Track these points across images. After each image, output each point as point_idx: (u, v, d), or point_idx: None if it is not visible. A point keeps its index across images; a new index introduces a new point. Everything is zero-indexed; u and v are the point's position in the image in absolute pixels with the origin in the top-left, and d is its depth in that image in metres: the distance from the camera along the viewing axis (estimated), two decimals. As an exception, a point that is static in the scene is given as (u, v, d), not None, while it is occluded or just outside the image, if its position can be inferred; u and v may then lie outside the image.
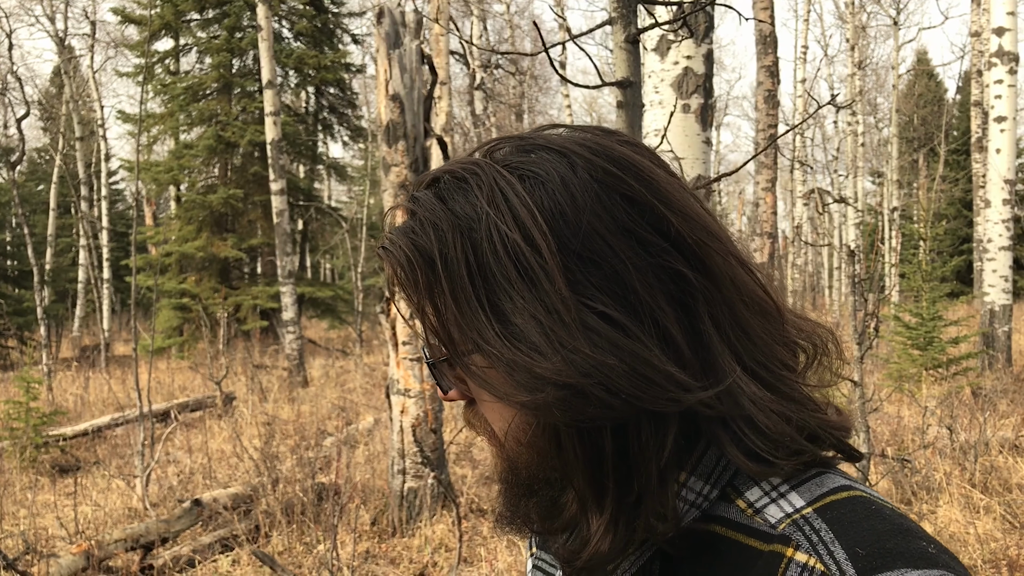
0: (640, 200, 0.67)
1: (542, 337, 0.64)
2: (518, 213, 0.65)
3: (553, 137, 0.71)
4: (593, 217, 0.65)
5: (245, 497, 6.23)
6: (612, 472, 0.67)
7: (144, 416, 7.21)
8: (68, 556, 5.02)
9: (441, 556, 5.31)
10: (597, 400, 0.63)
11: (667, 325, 0.65)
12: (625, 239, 0.65)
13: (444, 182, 0.71)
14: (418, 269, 0.68)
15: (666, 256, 0.66)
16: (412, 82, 5.87)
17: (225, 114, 18.88)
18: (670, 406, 0.64)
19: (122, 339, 23.41)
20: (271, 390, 11.79)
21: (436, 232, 0.68)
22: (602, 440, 0.66)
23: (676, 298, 0.66)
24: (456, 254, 0.66)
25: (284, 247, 12.94)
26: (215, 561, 5.41)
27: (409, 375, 5.89)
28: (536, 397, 0.64)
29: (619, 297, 0.64)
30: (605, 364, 0.63)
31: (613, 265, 0.65)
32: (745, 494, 0.68)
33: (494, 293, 0.66)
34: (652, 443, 0.66)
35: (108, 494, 7.00)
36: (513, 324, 0.65)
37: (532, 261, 0.64)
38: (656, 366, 0.63)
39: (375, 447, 7.51)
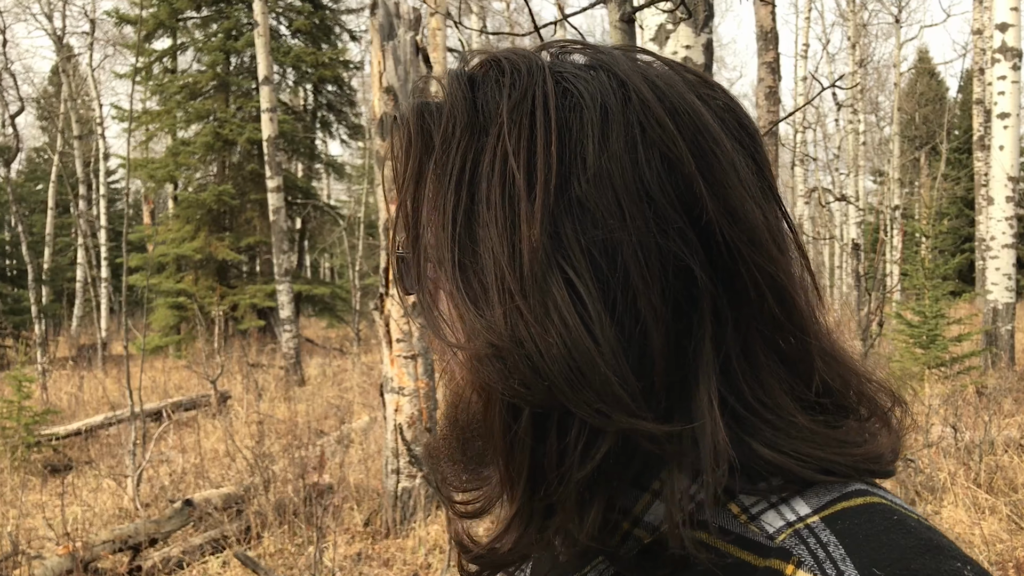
0: (681, 169, 0.55)
1: (496, 282, 0.53)
2: (535, 133, 0.55)
3: (624, 62, 0.58)
4: (614, 166, 0.54)
5: (237, 497, 6.13)
6: (524, 464, 0.55)
7: (136, 415, 7.12)
8: (54, 557, 4.92)
9: (435, 557, 5.21)
10: (519, 375, 0.52)
11: (648, 326, 0.53)
12: (641, 206, 0.54)
13: (488, 66, 0.60)
14: (414, 152, 0.60)
15: (682, 244, 0.54)
16: (406, 74, 5.77)
17: (222, 112, 18.80)
18: (595, 419, 0.52)
19: (120, 338, 23.28)
20: (267, 389, 11.69)
21: (447, 121, 0.58)
22: (520, 422, 0.55)
23: (674, 300, 0.54)
24: (454, 155, 0.57)
25: (281, 245, 12.85)
26: (205, 562, 5.32)
27: (403, 373, 5.79)
28: (470, 344, 0.54)
29: (599, 270, 0.53)
30: (542, 339, 0.52)
31: (612, 231, 0.53)
32: (739, 496, 0.56)
33: (472, 212, 0.55)
34: (573, 450, 0.54)
35: (98, 494, 6.91)
36: (477, 255, 0.55)
37: (521, 192, 0.54)
38: (597, 366, 0.52)
39: (370, 447, 7.41)
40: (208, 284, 18.04)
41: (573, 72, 0.58)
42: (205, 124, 18.94)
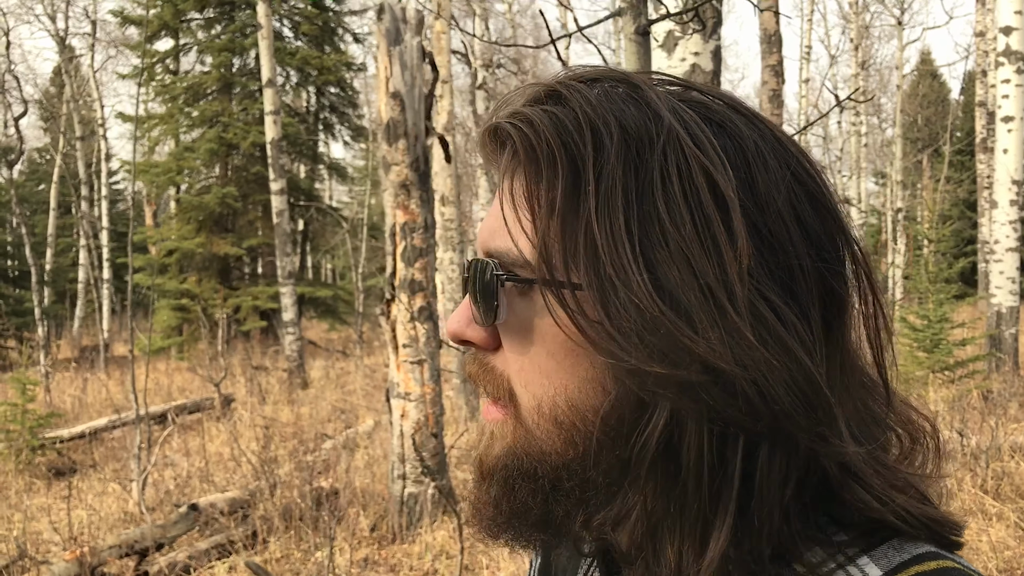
0: (824, 203, 0.57)
1: (700, 306, 0.51)
2: (706, 156, 0.54)
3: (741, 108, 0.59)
4: (780, 195, 0.54)
5: (243, 502, 6.13)
6: (734, 494, 0.53)
7: (140, 419, 7.11)
8: (61, 562, 4.92)
9: (442, 563, 5.20)
10: (745, 400, 0.51)
11: (822, 346, 0.54)
12: (803, 235, 0.55)
13: (610, 84, 0.58)
14: (556, 170, 0.55)
15: (833, 268, 0.56)
16: (413, 79, 5.77)
17: (227, 115, 18.80)
18: (815, 443, 0.52)
19: (122, 339, 23.31)
20: (271, 392, 11.69)
21: (595, 135, 0.55)
22: (728, 451, 0.53)
23: (825, 322, 0.55)
24: (615, 173, 0.54)
25: (284, 247, 12.85)
26: (212, 568, 5.31)
27: (410, 378, 5.79)
28: (676, 372, 0.51)
29: (790, 292, 0.53)
30: (768, 362, 0.51)
31: (789, 257, 0.54)
32: (806, 555, 0.55)
33: (647, 233, 0.53)
34: (778, 478, 0.53)
35: (104, 498, 6.91)
36: (661, 276, 0.52)
37: (713, 211, 0.52)
38: (820, 389, 0.52)
39: (375, 451, 7.41)
40: (211, 285, 18.05)
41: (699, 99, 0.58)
42: (209, 128, 18.94)
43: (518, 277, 0.58)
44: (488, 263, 0.59)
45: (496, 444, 0.61)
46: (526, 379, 0.58)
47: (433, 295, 5.90)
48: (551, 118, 0.57)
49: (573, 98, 0.57)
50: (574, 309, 0.54)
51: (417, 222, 5.75)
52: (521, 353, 0.59)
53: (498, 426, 0.61)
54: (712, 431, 0.52)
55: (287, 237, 12.95)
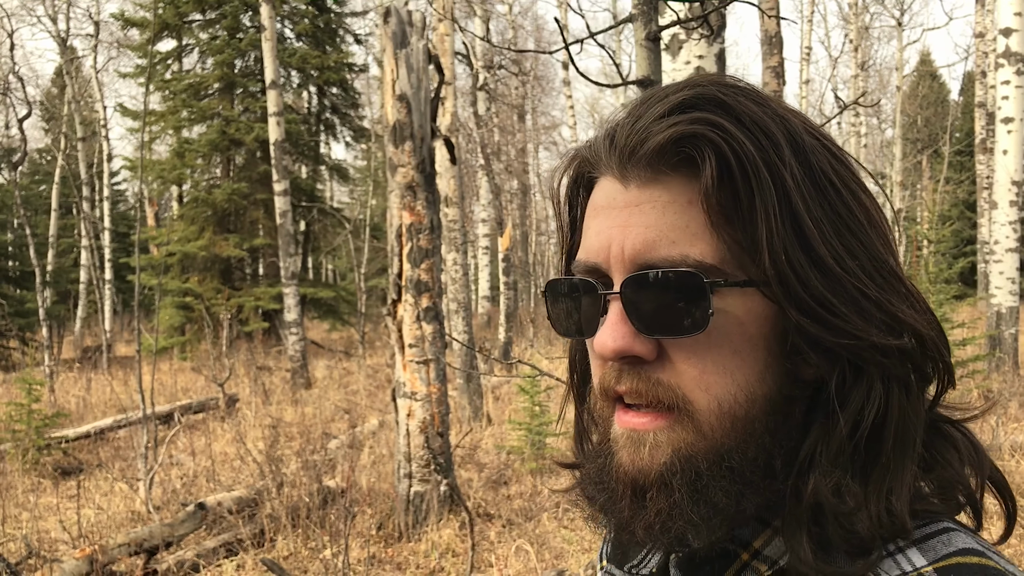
0: (842, 179, 0.63)
1: (890, 285, 0.60)
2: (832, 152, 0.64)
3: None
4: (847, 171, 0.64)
5: (249, 500, 6.17)
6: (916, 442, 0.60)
7: (147, 418, 7.16)
8: (71, 561, 4.96)
9: (448, 561, 5.25)
10: (931, 360, 0.60)
11: None
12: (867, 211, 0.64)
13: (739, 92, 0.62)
14: (748, 173, 0.58)
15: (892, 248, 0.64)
16: (419, 82, 5.82)
17: (228, 112, 18.84)
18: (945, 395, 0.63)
19: (124, 340, 23.36)
20: (274, 392, 11.73)
21: (768, 137, 0.59)
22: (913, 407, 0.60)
23: None
24: (794, 167, 0.59)
25: (287, 248, 12.89)
26: (220, 566, 5.36)
27: (416, 378, 5.83)
28: (897, 341, 0.58)
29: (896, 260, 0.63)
30: (931, 322, 0.60)
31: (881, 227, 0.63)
32: None
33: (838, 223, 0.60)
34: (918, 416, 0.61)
35: (111, 497, 6.95)
36: (862, 260, 0.60)
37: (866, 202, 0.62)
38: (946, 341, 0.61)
39: (380, 450, 7.45)
40: (214, 285, 18.08)
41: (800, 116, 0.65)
42: (210, 124, 18.98)
43: (730, 280, 0.59)
44: (679, 273, 0.59)
45: (659, 453, 0.61)
46: (707, 382, 0.60)
47: (439, 295, 5.94)
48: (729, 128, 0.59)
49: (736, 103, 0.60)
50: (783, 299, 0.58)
51: (423, 223, 5.80)
52: (701, 357, 0.60)
53: (663, 435, 0.61)
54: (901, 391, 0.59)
55: (290, 238, 13.00)
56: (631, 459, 0.61)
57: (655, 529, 0.61)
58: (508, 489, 6.87)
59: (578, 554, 5.22)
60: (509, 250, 16.91)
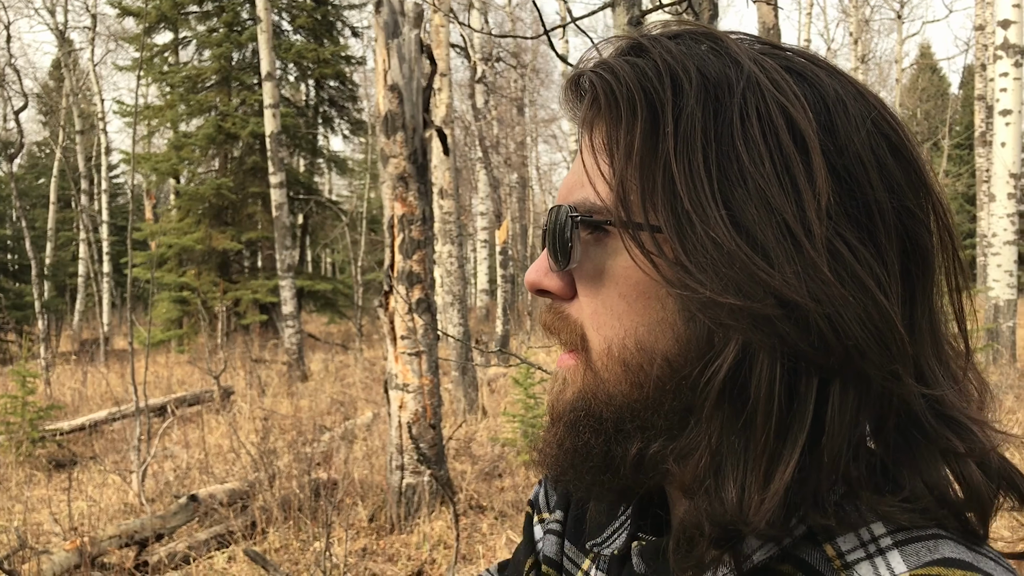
0: (907, 154, 0.57)
1: (777, 241, 0.53)
2: (786, 98, 0.55)
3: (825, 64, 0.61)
4: (859, 141, 0.55)
5: (242, 493, 6.16)
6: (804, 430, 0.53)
7: (140, 411, 7.15)
8: (61, 552, 4.96)
9: (440, 553, 5.24)
10: (818, 335, 0.52)
11: (898, 287, 0.55)
12: (883, 179, 0.55)
13: (691, 37, 0.59)
14: (635, 112, 0.56)
15: (916, 219, 0.56)
16: (411, 72, 5.79)
17: (225, 105, 18.80)
18: (887, 381, 0.53)
19: (122, 333, 23.35)
20: (270, 384, 11.72)
21: (674, 81, 0.56)
22: (800, 387, 0.53)
23: (903, 272, 0.56)
24: (694, 115, 0.55)
25: (284, 241, 12.87)
26: (211, 558, 5.35)
27: (408, 370, 5.82)
28: (750, 304, 0.52)
29: (868, 233, 0.54)
30: (842, 296, 0.51)
31: (868, 199, 0.54)
32: (837, 540, 0.55)
33: (725, 172, 0.54)
34: (849, 416, 0.53)
35: (104, 489, 6.94)
36: (738, 213, 0.53)
37: (792, 150, 0.54)
38: (894, 327, 0.52)
39: (374, 442, 7.44)
40: (210, 279, 18.06)
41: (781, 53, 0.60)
42: (207, 117, 18.93)
43: (592, 220, 0.59)
44: (563, 208, 0.60)
45: (568, 389, 0.62)
46: (598, 322, 0.59)
47: (431, 287, 5.92)
48: (632, 66, 0.58)
49: (654, 49, 0.58)
50: (651, 249, 0.55)
51: (415, 214, 5.78)
52: (594, 296, 0.60)
53: (570, 372, 0.62)
54: (783, 365, 0.53)
55: (287, 230, 12.97)
56: (551, 397, 0.63)
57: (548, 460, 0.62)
58: (501, 481, 6.86)
59: (569, 546, 5.21)
60: (507, 243, 16.89)
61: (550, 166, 45.62)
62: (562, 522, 0.78)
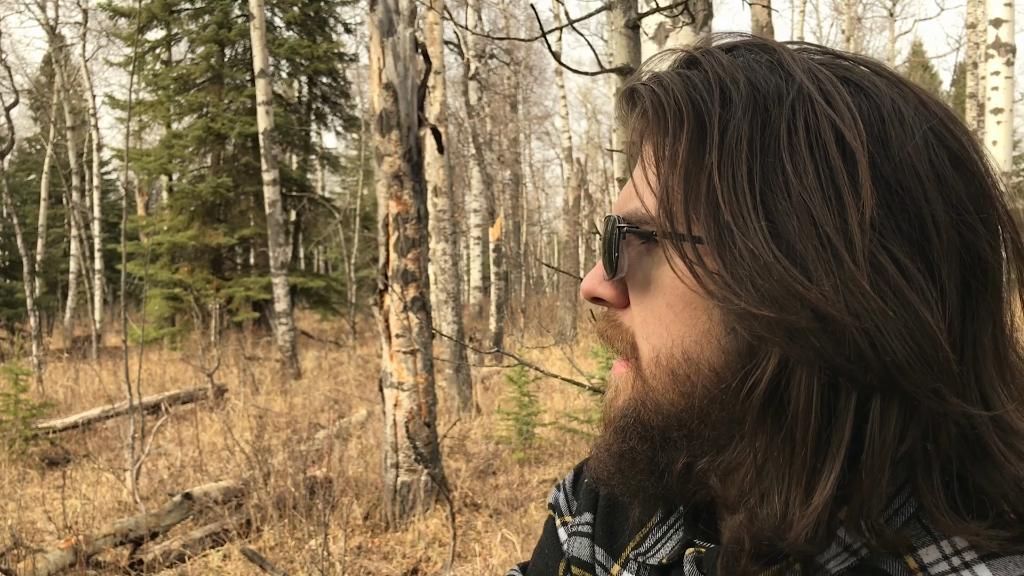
0: (971, 167, 0.56)
1: (817, 254, 0.52)
2: (836, 110, 0.54)
3: (882, 71, 0.60)
4: (915, 153, 0.54)
5: (236, 491, 6.16)
6: (843, 446, 0.52)
7: (134, 409, 7.14)
8: (56, 551, 4.95)
9: (435, 551, 5.25)
10: (855, 350, 0.50)
11: (954, 307, 0.54)
12: (940, 192, 0.54)
13: (746, 50, 0.60)
14: (682, 124, 0.57)
15: (977, 232, 0.54)
16: (406, 70, 5.79)
17: (215, 105, 18.73)
18: (930, 400, 0.51)
19: (114, 330, 23.28)
20: (263, 382, 11.71)
21: (723, 93, 0.57)
22: (839, 402, 0.52)
23: (964, 286, 0.54)
24: (741, 127, 0.55)
25: (277, 238, 12.85)
26: (206, 556, 5.35)
27: (403, 368, 5.82)
28: (785, 316, 0.51)
29: (917, 248, 0.53)
30: (882, 312, 0.50)
31: (921, 212, 0.53)
32: (919, 552, 0.54)
33: (769, 184, 0.54)
34: (894, 430, 0.52)
35: (98, 487, 6.93)
36: (782, 225, 0.53)
37: (838, 163, 0.53)
38: (938, 342, 0.51)
39: (368, 440, 7.45)
40: (203, 276, 18.02)
41: (839, 63, 0.59)
42: (198, 118, 18.87)
43: (638, 230, 0.61)
44: (612, 218, 0.62)
45: (619, 397, 0.63)
46: (647, 331, 0.60)
47: (426, 285, 5.93)
48: (682, 79, 0.59)
49: (706, 61, 0.59)
50: (692, 259, 0.56)
51: (410, 212, 5.78)
52: (644, 306, 0.61)
53: (622, 380, 0.63)
54: (821, 380, 0.52)
55: (280, 227, 12.95)
56: (604, 403, 0.65)
57: (599, 464, 0.64)
58: (496, 479, 6.88)
59: (564, 544, 5.23)
60: (501, 240, 16.90)
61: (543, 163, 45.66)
62: (592, 524, 0.78)
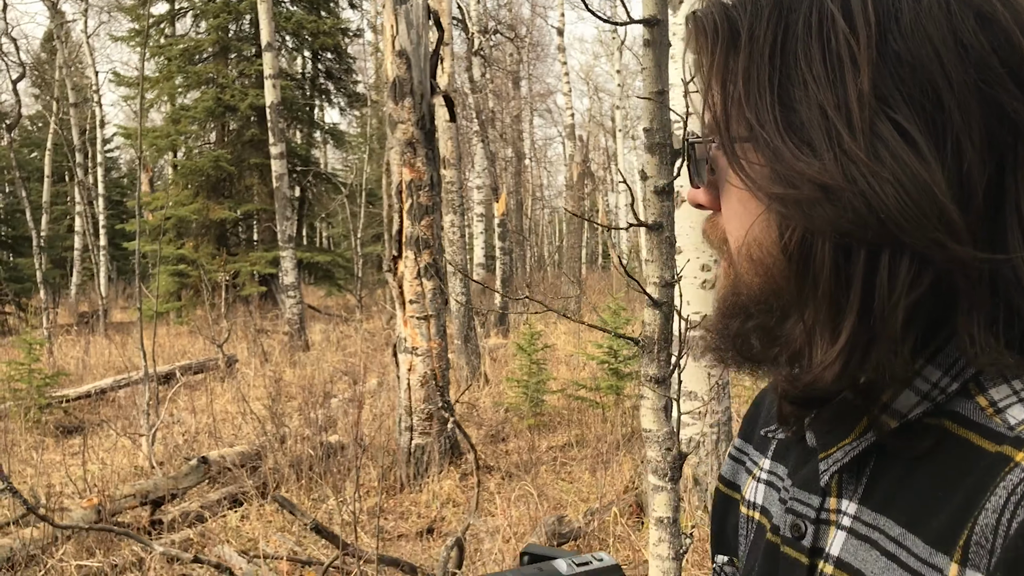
0: (999, 23, 0.57)
1: (821, 132, 0.57)
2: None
3: None
4: (928, 21, 0.57)
5: (251, 455, 6.26)
6: (856, 297, 0.58)
7: (149, 377, 7.23)
8: (79, 510, 5.05)
9: (449, 510, 5.35)
10: (853, 212, 0.56)
11: (970, 161, 0.56)
12: (959, 55, 0.56)
13: None
14: (721, 40, 0.63)
15: (1005, 88, 0.56)
16: (419, 38, 5.83)
17: (223, 77, 18.72)
18: (930, 248, 0.55)
19: (119, 306, 23.36)
20: (272, 354, 11.81)
21: (753, 5, 0.63)
22: (851, 261, 0.58)
23: (991, 141, 0.57)
24: (765, 31, 0.61)
25: (284, 211, 12.90)
26: (224, 516, 5.45)
27: (416, 333, 5.90)
28: (789, 191, 0.58)
29: (926, 114, 0.56)
30: (876, 174, 0.55)
31: (934, 77, 0.56)
32: (989, 391, 0.58)
33: (788, 77, 0.60)
34: (903, 281, 0.57)
35: (114, 453, 7.03)
36: (796, 112, 0.59)
37: (843, 46, 0.58)
38: (934, 196, 0.55)
39: (379, 407, 7.55)
40: (209, 251, 18.09)
41: None
42: (206, 90, 18.86)
43: (700, 140, 0.68)
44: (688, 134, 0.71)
45: (721, 286, 0.70)
46: (731, 226, 0.67)
47: (439, 252, 6.00)
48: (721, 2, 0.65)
49: None
50: (735, 157, 0.63)
51: (423, 180, 5.84)
52: (726, 205, 0.68)
53: (722, 272, 0.70)
54: (835, 245, 0.58)
55: (287, 201, 13.00)
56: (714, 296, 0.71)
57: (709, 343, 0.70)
58: (506, 444, 6.98)
59: (576, 503, 5.33)
60: (505, 216, 16.94)
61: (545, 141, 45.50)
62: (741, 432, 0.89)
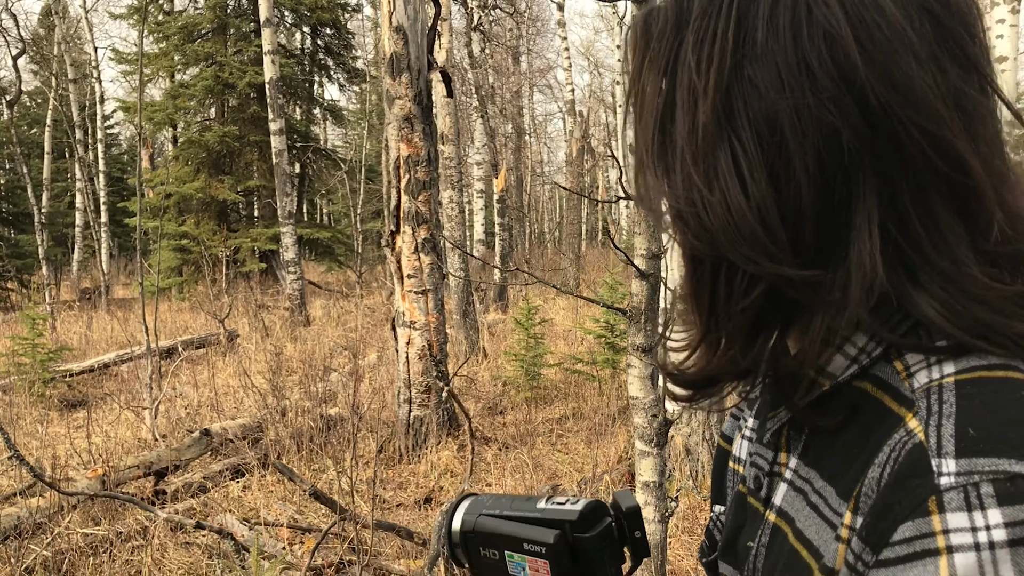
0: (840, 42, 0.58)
1: (679, 156, 0.63)
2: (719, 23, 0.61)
3: None
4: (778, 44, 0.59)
5: (253, 428, 6.37)
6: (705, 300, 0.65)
7: (152, 352, 7.32)
8: (84, 480, 5.16)
9: (447, 480, 5.46)
10: (693, 230, 0.63)
11: (801, 182, 0.59)
12: (799, 78, 0.58)
13: None
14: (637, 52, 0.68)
15: (834, 108, 0.57)
16: (416, 14, 5.86)
17: (222, 55, 18.68)
18: (748, 265, 0.61)
19: (121, 282, 23.45)
20: (273, 329, 11.90)
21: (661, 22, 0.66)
22: (699, 271, 0.65)
23: (829, 159, 0.58)
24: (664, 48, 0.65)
25: (284, 187, 12.95)
26: (226, 487, 5.56)
27: (414, 307, 5.98)
28: (660, 210, 0.66)
29: (762, 138, 0.59)
30: (707, 199, 0.61)
31: (774, 103, 0.58)
32: (906, 356, 0.61)
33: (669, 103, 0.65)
34: (738, 289, 0.63)
35: (118, 426, 7.14)
36: (671, 136, 0.64)
37: (702, 72, 0.61)
38: (747, 220, 0.60)
39: (379, 381, 7.64)
40: (210, 227, 18.14)
41: None
42: (205, 67, 18.83)
43: None
44: None
45: None
46: None
47: (437, 227, 6.06)
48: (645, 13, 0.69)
49: None
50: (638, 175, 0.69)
51: (420, 155, 5.89)
52: None
53: None
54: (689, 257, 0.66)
55: (286, 177, 13.04)
56: None
57: None
58: (504, 417, 7.08)
59: (571, 473, 5.44)
60: (504, 192, 16.97)
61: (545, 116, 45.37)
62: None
